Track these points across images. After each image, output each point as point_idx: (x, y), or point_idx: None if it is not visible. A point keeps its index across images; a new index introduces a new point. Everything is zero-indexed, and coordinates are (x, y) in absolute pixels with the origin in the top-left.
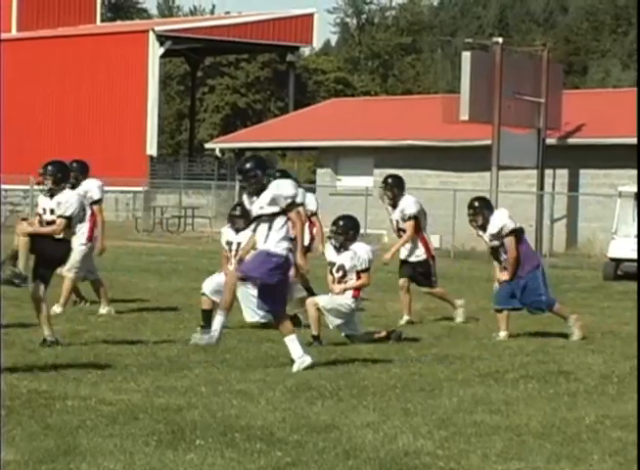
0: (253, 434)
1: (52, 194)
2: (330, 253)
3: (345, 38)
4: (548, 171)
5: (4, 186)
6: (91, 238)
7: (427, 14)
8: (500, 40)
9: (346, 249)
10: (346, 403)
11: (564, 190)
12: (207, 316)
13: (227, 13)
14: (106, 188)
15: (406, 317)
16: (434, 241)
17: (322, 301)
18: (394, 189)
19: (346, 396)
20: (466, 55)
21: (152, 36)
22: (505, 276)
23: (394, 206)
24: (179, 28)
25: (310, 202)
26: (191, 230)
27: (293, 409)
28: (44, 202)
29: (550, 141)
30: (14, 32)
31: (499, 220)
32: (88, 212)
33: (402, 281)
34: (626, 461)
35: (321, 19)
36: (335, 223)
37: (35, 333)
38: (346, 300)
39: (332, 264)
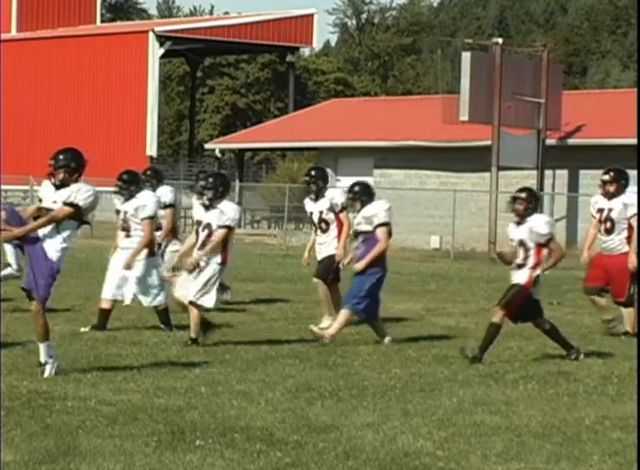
0: (253, 434)
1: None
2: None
3: (345, 39)
4: (548, 172)
5: (4, 186)
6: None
7: (426, 14)
8: (500, 41)
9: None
10: (346, 404)
11: (563, 190)
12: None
13: (226, 13)
14: (106, 188)
15: (327, 319)
16: (434, 241)
17: None
18: (319, 181)
19: (346, 396)
20: (466, 55)
21: (152, 37)
22: (360, 266)
23: (318, 197)
24: (179, 29)
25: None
26: (190, 230)
27: (292, 410)
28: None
29: (550, 142)
30: (14, 33)
31: (377, 207)
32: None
33: (316, 280)
34: (626, 462)
35: (321, 19)
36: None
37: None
38: None
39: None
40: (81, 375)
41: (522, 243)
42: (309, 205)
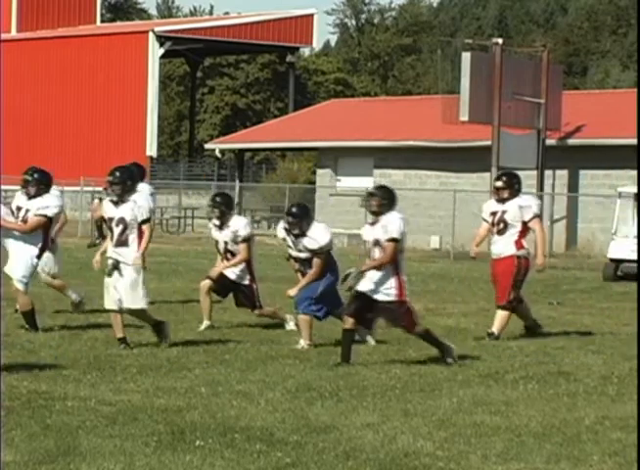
0: (253, 435)
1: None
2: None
3: (345, 39)
4: (548, 172)
5: (4, 186)
6: None
7: (426, 15)
8: (500, 41)
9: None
10: (346, 404)
11: (563, 191)
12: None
13: (226, 13)
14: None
15: (206, 322)
16: (434, 242)
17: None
18: (222, 207)
19: (346, 396)
20: (466, 56)
21: (151, 37)
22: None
23: (222, 226)
24: (179, 29)
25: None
26: (191, 231)
27: (292, 410)
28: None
29: (550, 142)
30: (14, 33)
31: (320, 238)
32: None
33: (205, 283)
34: (626, 462)
35: (321, 19)
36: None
37: (35, 333)
38: None
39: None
40: (81, 375)
41: (377, 243)
42: (215, 232)
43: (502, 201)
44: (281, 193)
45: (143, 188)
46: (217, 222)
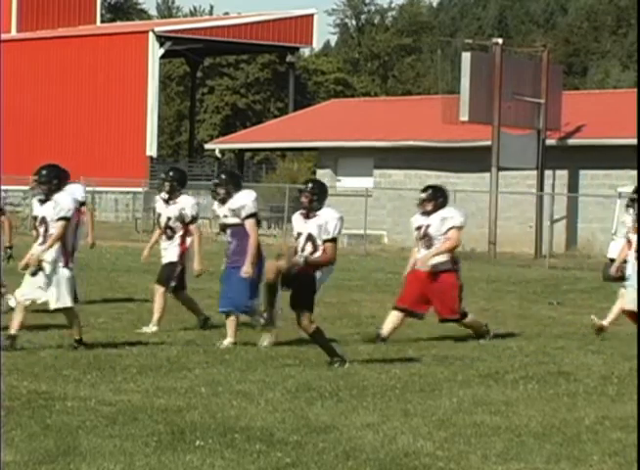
0: (253, 435)
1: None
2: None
3: (345, 39)
4: (548, 172)
5: (4, 186)
6: None
7: (426, 15)
8: (500, 41)
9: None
10: (346, 404)
11: (563, 191)
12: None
13: (226, 13)
14: (106, 189)
15: (154, 327)
16: None
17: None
18: (174, 182)
19: (346, 396)
20: (466, 56)
21: (151, 37)
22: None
23: (170, 201)
24: (179, 29)
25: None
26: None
27: (292, 410)
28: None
29: (550, 142)
30: (14, 33)
31: (243, 199)
32: None
33: (156, 286)
34: (626, 462)
35: (321, 19)
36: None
37: (35, 333)
38: None
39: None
40: (81, 375)
41: (310, 237)
42: (160, 205)
43: (427, 214)
44: (281, 193)
45: (76, 189)
46: (165, 196)
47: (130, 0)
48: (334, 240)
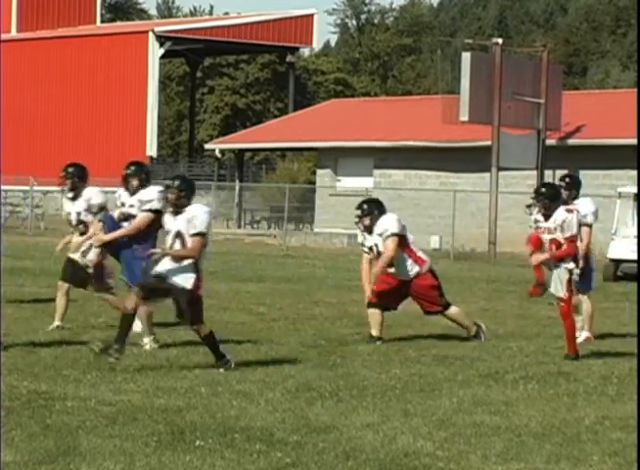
0: (253, 435)
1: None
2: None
3: (345, 39)
4: (548, 172)
5: (4, 187)
6: None
7: (426, 15)
8: (500, 41)
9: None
10: (346, 404)
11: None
12: None
13: (226, 13)
14: (106, 189)
15: (57, 323)
16: (434, 242)
17: None
18: (75, 178)
19: (346, 396)
20: (466, 56)
21: (151, 37)
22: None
23: (76, 198)
24: (179, 29)
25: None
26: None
27: (292, 410)
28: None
29: (550, 142)
30: (14, 33)
31: (152, 193)
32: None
33: (61, 283)
34: (626, 462)
35: (321, 19)
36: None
37: (35, 334)
38: None
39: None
40: (81, 375)
41: (179, 234)
42: (67, 204)
43: (368, 231)
44: (281, 193)
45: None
46: (70, 195)
47: (130, 0)
48: (200, 234)
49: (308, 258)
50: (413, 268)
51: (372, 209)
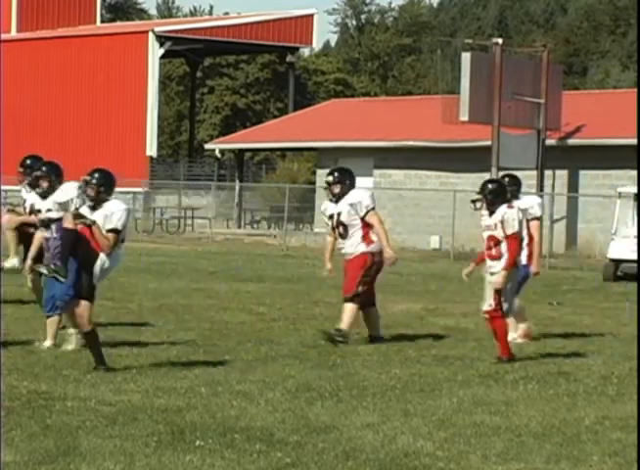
0: (253, 435)
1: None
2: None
3: (345, 39)
4: (548, 172)
5: (4, 187)
6: None
7: (426, 15)
8: (500, 41)
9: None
10: (346, 404)
11: (563, 191)
12: None
13: (226, 13)
14: None
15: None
16: (434, 242)
17: None
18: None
19: (346, 396)
20: (466, 56)
21: (151, 37)
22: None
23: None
24: (179, 29)
25: None
26: (191, 231)
27: (292, 410)
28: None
29: (550, 142)
30: (14, 33)
31: (70, 192)
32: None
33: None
34: (626, 462)
35: (321, 19)
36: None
37: (35, 333)
38: None
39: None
40: (81, 375)
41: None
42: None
43: (335, 200)
44: (281, 193)
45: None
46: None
47: (130, 0)
48: (114, 231)
49: (308, 258)
50: (359, 246)
51: (344, 177)
